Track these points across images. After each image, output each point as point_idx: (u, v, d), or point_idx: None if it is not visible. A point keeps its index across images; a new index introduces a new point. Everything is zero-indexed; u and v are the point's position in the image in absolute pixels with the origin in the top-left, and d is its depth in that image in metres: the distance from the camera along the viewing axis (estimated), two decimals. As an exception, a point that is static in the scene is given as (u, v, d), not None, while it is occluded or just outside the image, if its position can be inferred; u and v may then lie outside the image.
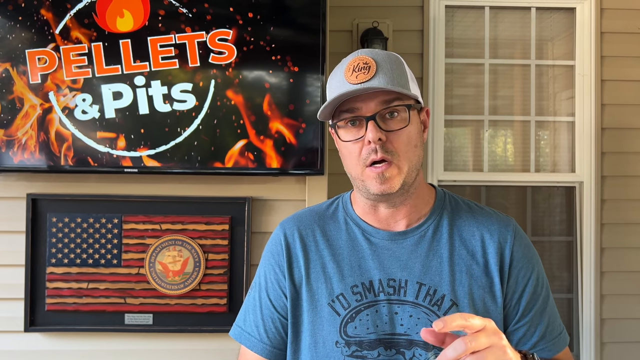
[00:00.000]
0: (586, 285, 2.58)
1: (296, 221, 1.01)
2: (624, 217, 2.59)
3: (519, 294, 0.93)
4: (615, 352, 2.56)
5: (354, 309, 0.91)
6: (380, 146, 0.88)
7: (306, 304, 0.94)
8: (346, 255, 0.95)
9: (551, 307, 0.96)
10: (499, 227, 0.96)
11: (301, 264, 0.96)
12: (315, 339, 0.92)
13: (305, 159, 1.94)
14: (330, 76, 0.96)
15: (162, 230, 1.97)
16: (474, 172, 2.66)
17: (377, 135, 0.87)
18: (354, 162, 0.91)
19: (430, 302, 0.90)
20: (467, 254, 0.94)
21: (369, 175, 0.90)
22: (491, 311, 0.91)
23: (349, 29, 2.51)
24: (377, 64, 0.88)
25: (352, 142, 0.91)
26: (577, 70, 2.62)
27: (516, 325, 0.94)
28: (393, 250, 0.94)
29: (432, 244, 0.94)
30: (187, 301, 1.97)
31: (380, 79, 0.88)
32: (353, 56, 0.92)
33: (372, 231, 0.96)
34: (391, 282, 0.92)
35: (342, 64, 0.94)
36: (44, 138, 1.89)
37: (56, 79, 1.89)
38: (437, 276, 0.92)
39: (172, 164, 1.92)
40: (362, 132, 0.89)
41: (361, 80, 0.87)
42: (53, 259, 1.94)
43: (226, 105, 1.92)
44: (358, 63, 0.89)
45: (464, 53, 2.66)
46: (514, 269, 0.94)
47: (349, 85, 0.88)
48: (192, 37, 1.91)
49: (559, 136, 2.70)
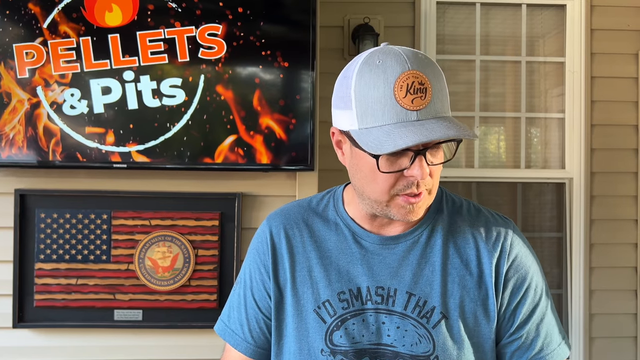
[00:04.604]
0: (575, 280, 2.60)
1: (283, 218, 0.97)
2: (613, 213, 2.61)
3: (514, 305, 0.89)
4: (604, 347, 2.58)
5: (340, 316, 0.88)
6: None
7: (291, 308, 0.91)
8: (334, 258, 0.91)
9: (550, 318, 0.91)
10: (496, 234, 0.90)
11: (287, 266, 0.92)
12: (301, 345, 0.89)
13: (295, 155, 1.94)
14: (360, 77, 0.80)
15: (151, 226, 1.96)
16: (466, 169, 2.67)
17: (427, 173, 0.80)
18: (381, 189, 0.82)
19: (420, 314, 0.86)
20: (461, 263, 0.89)
21: (398, 204, 0.83)
22: (482, 326, 0.87)
23: (340, 25, 2.51)
24: (431, 84, 0.78)
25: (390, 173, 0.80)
26: (567, 67, 2.64)
27: (510, 338, 0.89)
28: (384, 256, 0.89)
29: (425, 251, 0.89)
30: (177, 297, 1.96)
31: (437, 105, 0.78)
32: (401, 66, 0.78)
33: (363, 234, 0.91)
34: (379, 290, 0.88)
35: (382, 68, 0.78)
36: (32, 133, 1.88)
37: (44, 73, 1.88)
38: (428, 286, 0.87)
39: (161, 160, 1.91)
40: (404, 163, 0.79)
41: (418, 105, 0.77)
42: (41, 255, 1.93)
43: (216, 101, 1.91)
44: (413, 82, 0.77)
45: (455, 50, 2.67)
46: (510, 279, 0.89)
47: (404, 111, 0.77)
48: (182, 32, 1.90)
49: (549, 133, 2.71)
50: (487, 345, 0.87)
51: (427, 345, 0.85)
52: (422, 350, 0.85)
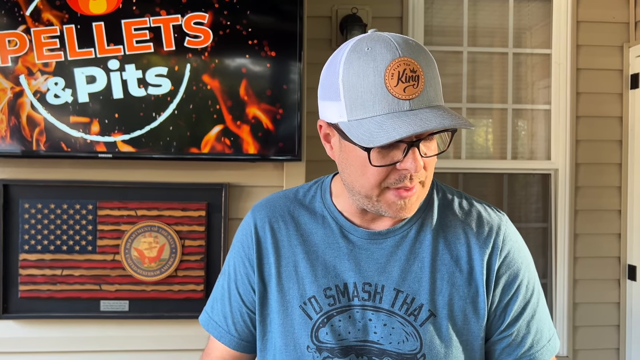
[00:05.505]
0: (560, 270, 2.63)
1: (268, 210, 0.93)
2: (597, 204, 2.64)
3: (505, 303, 0.86)
4: (587, 335, 2.62)
5: (326, 313, 0.86)
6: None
7: (276, 304, 0.88)
8: (321, 253, 0.88)
9: (540, 314, 0.90)
10: (488, 229, 0.87)
11: (272, 261, 0.90)
12: (286, 341, 0.87)
13: (283, 145, 1.93)
14: (348, 66, 0.76)
15: (137, 216, 1.95)
16: (453, 160, 2.68)
17: (421, 166, 0.76)
18: (372, 183, 0.79)
19: (407, 312, 0.84)
20: (451, 259, 0.86)
21: (390, 199, 0.79)
22: (471, 324, 0.85)
23: (328, 15, 2.50)
24: (423, 72, 0.74)
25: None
26: (554, 58, 2.65)
27: (500, 335, 0.87)
28: (371, 251, 0.86)
29: (414, 246, 0.86)
30: (164, 287, 1.96)
31: (429, 93, 0.75)
32: (392, 53, 0.74)
33: (351, 228, 0.88)
34: (367, 286, 0.85)
35: (371, 55, 0.75)
36: (15, 122, 1.85)
37: (27, 62, 1.85)
38: (416, 283, 0.85)
39: (147, 150, 1.89)
40: (397, 155, 0.76)
41: (410, 94, 0.73)
42: (26, 246, 1.91)
43: (202, 90, 1.90)
44: (404, 69, 0.73)
45: (443, 41, 2.67)
46: (502, 276, 0.86)
47: (395, 100, 0.73)
48: (167, 21, 1.88)
49: (535, 124, 2.73)
50: (476, 343, 0.86)
51: (414, 344, 0.84)
52: (409, 348, 0.84)
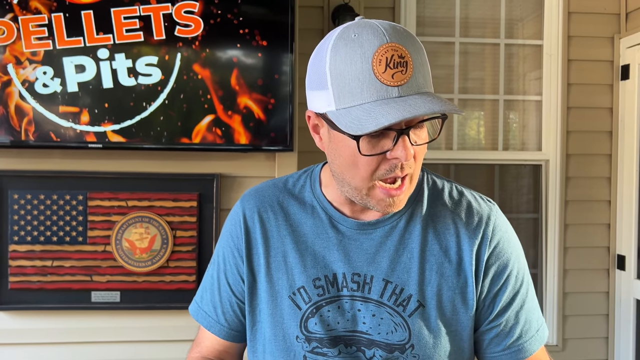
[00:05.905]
0: (550, 260, 2.66)
1: (257, 200, 0.92)
2: (587, 195, 2.66)
3: (494, 293, 0.86)
4: (577, 325, 2.65)
5: (315, 303, 0.86)
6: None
7: (265, 294, 0.88)
8: (310, 243, 0.88)
9: (529, 304, 0.89)
10: (477, 219, 0.87)
11: (261, 251, 0.89)
12: (275, 331, 0.87)
13: (274, 135, 1.93)
14: (334, 53, 0.75)
15: (128, 207, 1.94)
16: (445, 151, 2.68)
17: (411, 154, 0.76)
18: (362, 175, 0.78)
19: (396, 302, 0.84)
20: (440, 249, 0.86)
21: (379, 194, 0.79)
22: (460, 314, 0.85)
23: (320, 5, 2.48)
24: (412, 58, 0.73)
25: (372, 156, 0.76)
26: (545, 49, 2.66)
27: (489, 325, 0.87)
28: (361, 241, 0.86)
29: (403, 237, 0.86)
30: (155, 278, 1.95)
31: (418, 80, 0.74)
32: (379, 39, 0.73)
33: (340, 218, 0.88)
34: (356, 277, 0.85)
35: (358, 42, 0.73)
36: (3, 112, 1.83)
37: (15, 50, 1.83)
38: (405, 274, 0.85)
39: (137, 140, 1.88)
40: (387, 144, 0.75)
41: (399, 81, 0.72)
42: (16, 237, 1.89)
43: (193, 80, 1.89)
44: (392, 55, 0.72)
45: (435, 32, 2.66)
46: (491, 267, 0.86)
47: (384, 87, 0.72)
48: (157, 9, 1.86)
49: (527, 115, 2.74)
50: (464, 333, 0.86)
51: (402, 334, 0.84)
52: (397, 338, 0.84)
